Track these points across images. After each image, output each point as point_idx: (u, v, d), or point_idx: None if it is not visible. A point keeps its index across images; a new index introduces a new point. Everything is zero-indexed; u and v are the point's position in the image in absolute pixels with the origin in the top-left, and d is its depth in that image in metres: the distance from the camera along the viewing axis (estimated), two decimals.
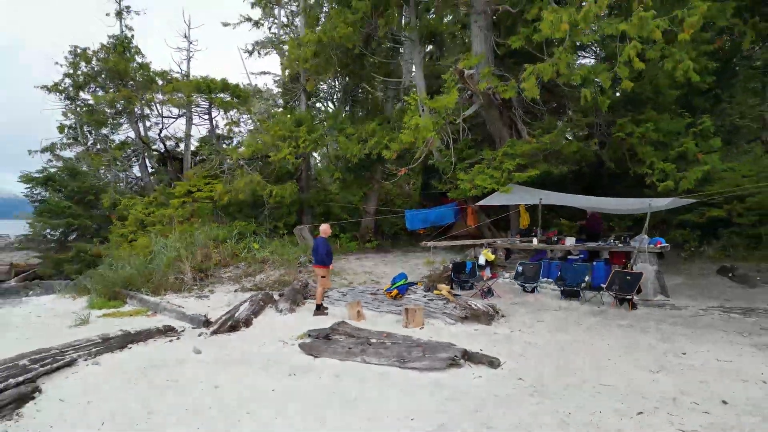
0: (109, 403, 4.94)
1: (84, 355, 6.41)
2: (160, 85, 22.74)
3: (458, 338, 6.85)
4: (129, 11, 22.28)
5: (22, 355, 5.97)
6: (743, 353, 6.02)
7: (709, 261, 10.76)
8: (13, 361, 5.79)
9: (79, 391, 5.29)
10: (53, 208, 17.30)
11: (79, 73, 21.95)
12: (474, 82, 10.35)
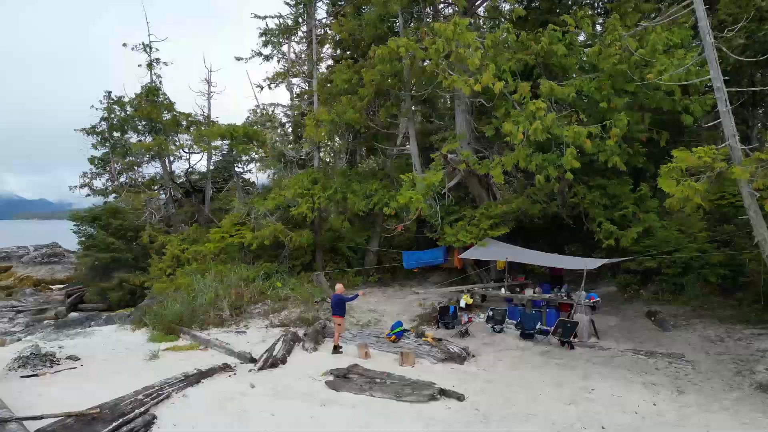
0: (206, 427, 7.57)
1: (175, 389, 9.03)
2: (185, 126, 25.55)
3: (439, 375, 9.47)
4: (158, 62, 24.99)
5: (137, 392, 8.59)
6: (633, 389, 8.65)
7: (643, 303, 13.39)
8: (133, 397, 8.43)
9: (183, 418, 7.91)
10: (99, 244, 19.97)
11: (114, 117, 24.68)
12: (456, 162, 13.00)
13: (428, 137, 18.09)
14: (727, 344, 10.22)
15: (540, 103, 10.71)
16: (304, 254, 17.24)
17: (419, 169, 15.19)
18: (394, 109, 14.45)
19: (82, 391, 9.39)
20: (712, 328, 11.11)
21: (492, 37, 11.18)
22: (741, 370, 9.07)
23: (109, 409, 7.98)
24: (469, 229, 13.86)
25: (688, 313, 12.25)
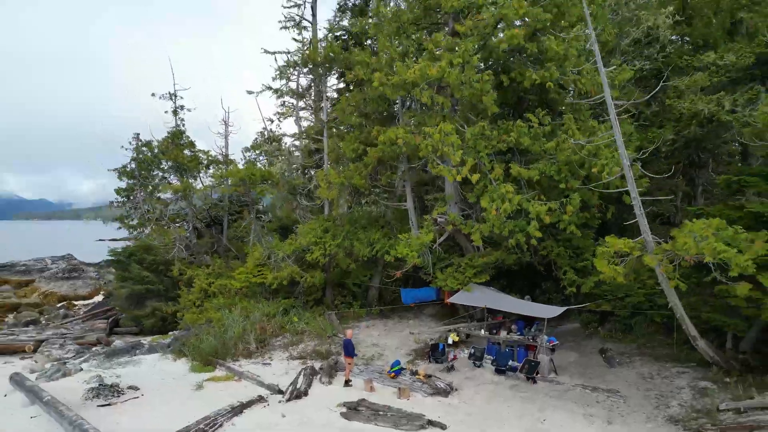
0: None
1: (225, 419, 11.66)
2: (205, 164, 28.30)
3: (428, 407, 12.10)
4: (182, 109, 27.72)
5: (198, 421, 11.22)
6: (576, 419, 11.28)
7: (599, 340, 16.03)
8: (196, 426, 11.07)
9: None
10: (134, 277, 22.63)
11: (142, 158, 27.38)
12: (444, 223, 15.66)
13: (423, 186, 20.76)
14: (655, 381, 12.87)
15: (509, 186, 13.37)
16: (316, 290, 19.91)
17: (414, 221, 17.85)
18: (393, 176, 17.10)
19: (149, 419, 12.07)
20: (647, 365, 13.75)
21: (471, 131, 13.83)
22: (659, 405, 11.71)
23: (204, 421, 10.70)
24: (456, 276, 16.52)
25: (633, 350, 14.89)
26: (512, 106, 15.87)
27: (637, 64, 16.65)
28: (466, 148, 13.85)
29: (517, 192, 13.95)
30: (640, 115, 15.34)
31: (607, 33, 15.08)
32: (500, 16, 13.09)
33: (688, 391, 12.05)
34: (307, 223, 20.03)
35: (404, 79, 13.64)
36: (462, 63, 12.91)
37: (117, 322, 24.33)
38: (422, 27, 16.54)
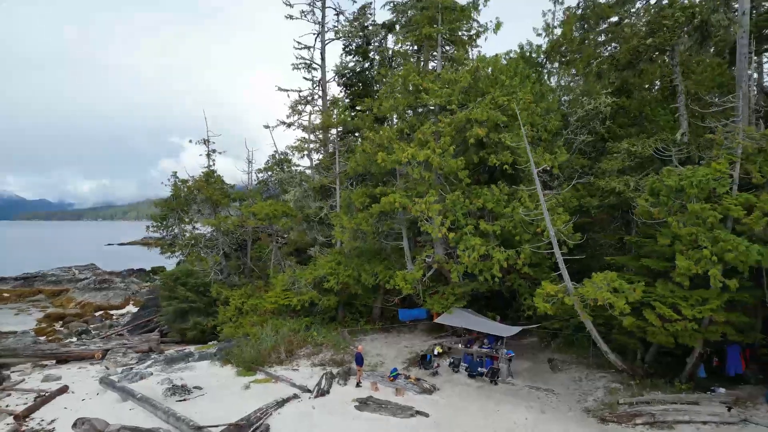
0: (313, 423, 14.86)
1: (273, 409, 16.35)
2: (231, 197, 33.08)
3: (417, 402, 16.74)
4: (214, 152, 32.52)
5: (254, 411, 15.90)
6: (519, 410, 15.93)
7: (550, 352, 20.72)
8: (254, 414, 15.75)
9: (283, 426, 15.23)
10: (179, 296, 27.33)
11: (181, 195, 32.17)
12: (431, 262, 20.37)
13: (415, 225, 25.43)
14: (582, 383, 17.58)
15: (478, 239, 18.09)
16: (331, 310, 24.61)
17: (409, 256, 22.54)
18: (392, 224, 21.80)
19: (216, 410, 16.75)
20: (580, 371, 18.46)
21: (450, 197, 18.56)
22: (580, 399, 16.42)
23: (245, 420, 15.38)
24: (441, 300, 21.22)
25: (573, 360, 19.60)
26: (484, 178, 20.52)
27: (581, 137, 21.38)
28: (447, 209, 18.59)
29: (486, 241, 18.69)
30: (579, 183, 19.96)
31: (555, 120, 19.74)
32: (470, 116, 17.81)
33: (602, 390, 16.78)
34: (323, 257, 24.76)
35: (399, 159, 18.38)
36: (442, 151, 17.64)
37: (162, 333, 29.03)
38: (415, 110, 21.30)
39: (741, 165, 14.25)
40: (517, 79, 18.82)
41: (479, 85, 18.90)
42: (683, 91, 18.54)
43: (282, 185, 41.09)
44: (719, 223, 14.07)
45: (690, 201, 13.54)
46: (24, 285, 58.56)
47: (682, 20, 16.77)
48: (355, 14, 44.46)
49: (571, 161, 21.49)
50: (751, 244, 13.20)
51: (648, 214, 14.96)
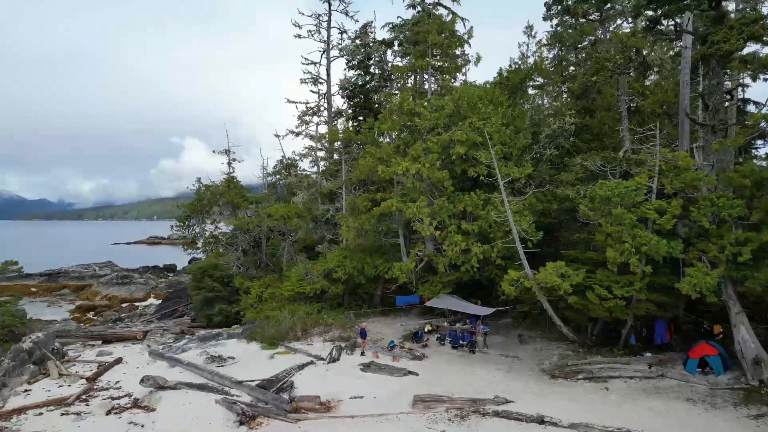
0: (320, 386, 19.01)
1: (295, 371, 20.49)
2: (249, 200, 37.23)
3: (410, 365, 20.86)
4: (234, 160, 36.71)
5: (282, 372, 20.06)
6: (490, 371, 20.06)
7: (520, 329, 24.86)
8: (281, 373, 19.91)
9: (303, 383, 19.37)
10: (206, 286, 31.46)
11: (204, 199, 36.33)
12: (422, 256, 24.51)
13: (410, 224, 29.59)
14: (542, 351, 21.74)
15: (459, 237, 22.23)
16: (338, 297, 28.77)
17: (404, 252, 26.68)
18: (391, 226, 25.95)
19: (249, 372, 20.87)
20: (542, 343, 22.63)
21: (437, 202, 22.70)
22: (539, 363, 20.58)
23: (275, 377, 19.56)
24: (430, 288, 25.39)
25: (538, 335, 23.76)
26: (468, 185, 24.54)
27: (549, 152, 25.52)
28: (435, 211, 22.75)
29: (467, 238, 22.83)
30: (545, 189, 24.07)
31: (524, 139, 23.85)
32: (453, 137, 21.94)
33: (557, 356, 20.94)
34: (332, 252, 28.93)
35: (396, 171, 22.53)
36: (430, 165, 21.79)
37: (191, 319, 33.19)
38: (409, 129, 25.45)
39: (658, 179, 18.40)
40: (492, 107, 22.93)
41: (460, 111, 23.03)
42: (626, 116, 22.65)
43: (291, 188, 45.30)
44: (640, 223, 18.24)
45: (615, 207, 17.68)
46: (49, 281, 62.69)
47: (621, 62, 20.88)
48: (357, 32, 48.67)
49: (541, 172, 25.64)
50: (660, 239, 17.36)
51: (588, 216, 19.10)
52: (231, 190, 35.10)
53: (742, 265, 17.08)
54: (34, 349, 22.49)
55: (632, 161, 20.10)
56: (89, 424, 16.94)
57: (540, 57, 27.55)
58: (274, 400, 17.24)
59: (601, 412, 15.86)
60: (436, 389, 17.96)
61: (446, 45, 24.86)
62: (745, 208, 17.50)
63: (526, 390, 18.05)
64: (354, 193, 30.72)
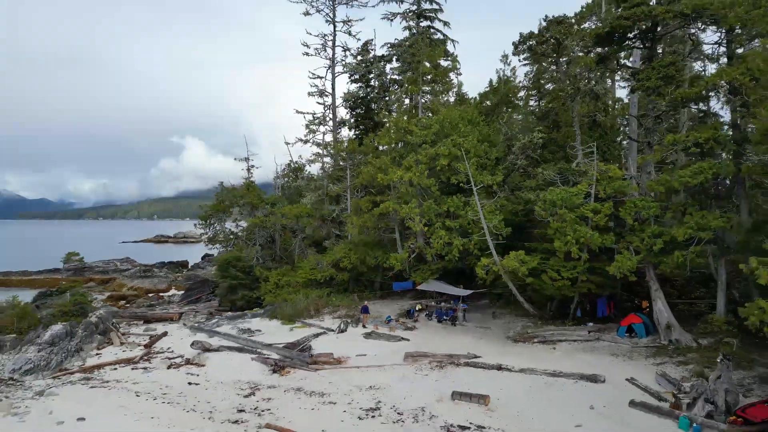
0: (332, 348, 24.18)
1: (311, 338, 25.65)
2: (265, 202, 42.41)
3: (403, 334, 26.03)
4: (252, 167, 41.90)
5: (302, 338, 25.24)
6: (467, 338, 25.22)
7: (495, 307, 30.02)
8: (301, 338, 25.10)
9: (319, 346, 24.54)
10: (230, 275, 36.62)
11: (225, 201, 41.50)
12: (414, 248, 29.66)
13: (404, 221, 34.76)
14: (509, 324, 26.94)
15: (444, 232, 27.37)
16: (344, 283, 33.95)
17: (400, 245, 31.82)
18: (388, 222, 31.10)
19: (275, 339, 26.07)
20: (510, 318, 27.82)
21: (426, 204, 27.84)
22: (505, 333, 25.76)
23: (296, 342, 24.77)
24: (421, 274, 30.57)
25: (508, 312, 28.94)
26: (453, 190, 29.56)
27: (520, 162, 30.67)
28: (424, 211, 27.91)
29: (450, 233, 27.97)
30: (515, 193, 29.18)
31: (496, 152, 28.97)
32: (438, 151, 27.12)
33: (520, 327, 26.13)
34: (338, 246, 34.13)
35: (392, 178, 27.70)
36: (420, 173, 26.96)
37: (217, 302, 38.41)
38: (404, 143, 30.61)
39: (595, 186, 23.55)
40: (470, 126, 28.00)
41: (444, 130, 28.13)
42: (579, 134, 27.80)
43: (299, 191, 50.49)
44: (582, 221, 23.42)
45: (560, 208, 22.85)
46: (75, 275, 67.66)
47: (571, 92, 25.99)
48: (359, 49, 53.80)
49: (513, 178, 30.81)
50: (595, 233, 22.54)
51: (541, 215, 24.27)
52: (250, 192, 40.25)
53: (657, 253, 22.22)
54: (99, 323, 27.69)
55: (578, 172, 25.24)
56: (156, 374, 22.07)
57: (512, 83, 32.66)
58: (298, 356, 22.46)
59: (545, 362, 21.06)
60: (423, 349, 23.15)
61: (435, 74, 29.93)
62: (660, 209, 22.69)
63: (492, 350, 23.23)
64: (357, 196, 35.90)
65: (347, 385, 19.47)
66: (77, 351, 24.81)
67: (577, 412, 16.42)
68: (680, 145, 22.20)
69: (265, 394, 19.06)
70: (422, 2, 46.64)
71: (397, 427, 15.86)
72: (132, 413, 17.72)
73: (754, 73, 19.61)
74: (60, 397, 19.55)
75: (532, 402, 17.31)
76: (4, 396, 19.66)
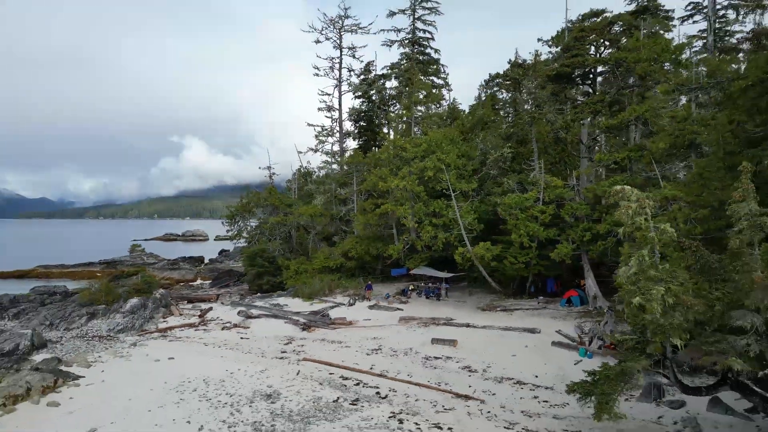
0: (345, 315, 31.79)
1: (327, 309, 33.22)
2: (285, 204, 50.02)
3: (398, 306, 33.64)
4: (274, 174, 49.42)
5: (322, 308, 32.83)
6: (449, 309, 32.81)
7: (472, 287, 37.59)
8: (320, 308, 32.70)
9: (335, 314, 32.13)
10: (257, 264, 44.20)
11: (249, 202, 49.08)
12: (408, 240, 37.23)
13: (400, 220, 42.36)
14: (481, 298, 34.54)
15: (430, 227, 34.92)
16: (352, 269, 41.58)
17: (396, 238, 39.40)
18: (387, 220, 38.63)
19: (301, 310, 33.68)
20: (482, 295, 35.42)
21: (417, 206, 35.36)
22: (477, 305, 33.36)
23: (318, 310, 32.41)
24: (413, 262, 38.20)
25: (481, 291, 36.54)
26: (436, 195, 37.17)
27: (493, 172, 38.22)
28: (415, 212, 35.50)
29: (435, 229, 35.51)
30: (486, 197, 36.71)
31: (472, 165, 36.46)
32: (425, 165, 34.66)
33: (488, 300, 33.73)
34: (346, 239, 41.71)
35: (390, 185, 35.28)
36: (412, 182, 34.52)
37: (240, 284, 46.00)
38: (400, 157, 38.18)
39: (542, 193, 31.13)
40: (451, 146, 35.51)
41: (431, 148, 35.67)
42: (536, 151, 35.34)
43: (310, 192, 58.04)
44: (533, 219, 31.00)
45: (515, 209, 30.42)
46: (108, 267, 75.22)
47: (528, 119, 33.52)
48: (362, 69, 61.35)
49: (487, 186, 38.36)
50: (541, 228, 30.13)
51: (503, 215, 31.85)
52: (272, 196, 47.84)
53: (587, 243, 29.81)
54: (161, 298, 35.31)
55: (532, 182, 32.84)
56: (214, 333, 29.61)
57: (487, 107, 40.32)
58: (320, 319, 30.11)
59: (502, 321, 28.66)
60: (413, 315, 30.76)
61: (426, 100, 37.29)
62: (591, 210, 30.29)
63: (465, 316, 30.83)
64: (361, 198, 43.48)
65: (357, 337, 27.11)
66: (150, 318, 32.41)
67: (516, 349, 24.01)
68: (605, 162, 29.80)
69: (298, 343, 26.65)
70: (416, 32, 54.27)
71: (393, 359, 23.43)
72: (205, 355, 25.13)
73: (654, 110, 27.28)
74: (149, 347, 26.96)
75: (487, 344, 24.93)
76: (109, 346, 27.15)
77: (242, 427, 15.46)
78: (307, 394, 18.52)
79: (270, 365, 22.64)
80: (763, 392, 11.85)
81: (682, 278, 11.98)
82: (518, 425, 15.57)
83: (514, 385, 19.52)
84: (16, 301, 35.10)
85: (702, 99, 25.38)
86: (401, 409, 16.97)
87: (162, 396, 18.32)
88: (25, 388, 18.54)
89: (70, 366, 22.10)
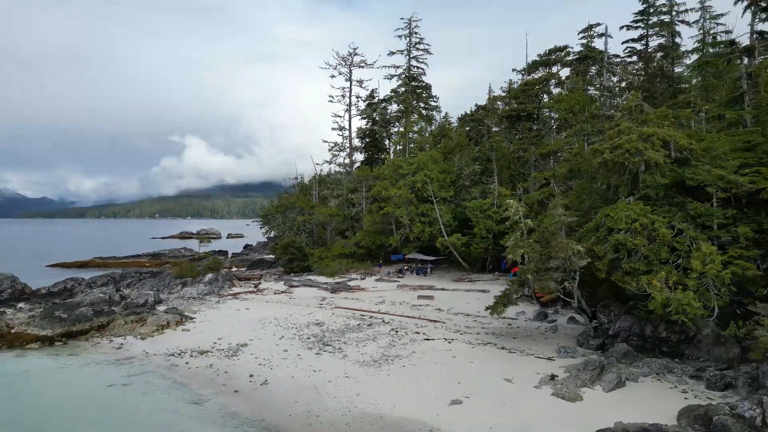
0: (361, 285, 45.08)
1: (346, 281, 46.44)
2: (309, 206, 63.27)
3: (397, 280, 46.89)
4: (298, 179, 62.60)
5: (347, 280, 46.08)
6: (433, 281, 46.06)
7: (452, 267, 50.80)
8: (346, 279, 45.97)
9: (353, 285, 45.39)
10: (289, 251, 57.45)
11: (281, 205, 62.35)
12: (404, 233, 50.43)
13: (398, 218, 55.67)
14: (454, 274, 47.68)
15: (420, 224, 48.12)
16: (362, 255, 54.81)
17: (395, 231, 52.64)
18: (389, 219, 51.79)
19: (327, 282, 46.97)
20: (456, 272, 48.55)
21: (411, 208, 48.50)
22: (452, 279, 46.65)
23: (340, 281, 45.78)
24: (408, 250, 51.49)
25: (456, 269, 49.77)
26: (424, 200, 50.34)
27: (466, 183, 51.41)
28: (409, 213, 48.78)
29: (424, 225, 48.69)
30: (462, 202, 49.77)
31: (451, 177, 49.48)
32: (416, 179, 47.82)
33: (460, 275, 47.03)
34: (357, 233, 55.01)
35: (390, 193, 48.60)
36: (407, 191, 47.73)
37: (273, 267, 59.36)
38: (397, 172, 51.41)
39: (497, 199, 44.37)
40: (434, 165, 48.56)
41: (420, 166, 48.80)
42: (496, 169, 48.56)
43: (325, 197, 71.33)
44: (489, 217, 44.26)
45: (477, 212, 43.59)
46: (153, 259, 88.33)
47: (489, 146, 46.71)
48: (367, 95, 74.68)
49: (462, 193, 51.65)
50: (495, 224, 43.46)
51: (470, 216, 45.05)
52: (299, 200, 61.13)
53: None
54: (226, 275, 48.71)
55: (490, 192, 46.07)
56: (269, 296, 42.95)
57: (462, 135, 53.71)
58: (342, 287, 43.49)
59: (466, 287, 42.02)
60: (406, 284, 44.10)
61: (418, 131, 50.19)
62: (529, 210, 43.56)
63: (442, 284, 44.13)
64: (368, 201, 56.81)
65: (368, 296, 40.51)
66: (221, 287, 45.75)
67: (471, 300, 37.30)
68: (539, 179, 43.09)
69: (329, 300, 39.98)
70: (411, 68, 67.61)
71: (392, 306, 36.72)
72: (269, 308, 38.35)
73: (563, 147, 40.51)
74: (228, 304, 40.15)
75: (452, 299, 38.26)
76: (202, 302, 40.38)
77: (307, 334, 28.68)
78: (341, 322, 31.80)
79: (314, 311, 35.90)
80: (580, 303, 25.14)
81: (533, 245, 25.28)
82: (461, 332, 28.91)
83: (464, 317, 32.87)
84: (123, 277, 48.41)
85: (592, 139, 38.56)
86: (396, 327, 30.25)
87: (251, 325, 31.40)
88: (165, 321, 31.55)
89: (184, 313, 35.27)
